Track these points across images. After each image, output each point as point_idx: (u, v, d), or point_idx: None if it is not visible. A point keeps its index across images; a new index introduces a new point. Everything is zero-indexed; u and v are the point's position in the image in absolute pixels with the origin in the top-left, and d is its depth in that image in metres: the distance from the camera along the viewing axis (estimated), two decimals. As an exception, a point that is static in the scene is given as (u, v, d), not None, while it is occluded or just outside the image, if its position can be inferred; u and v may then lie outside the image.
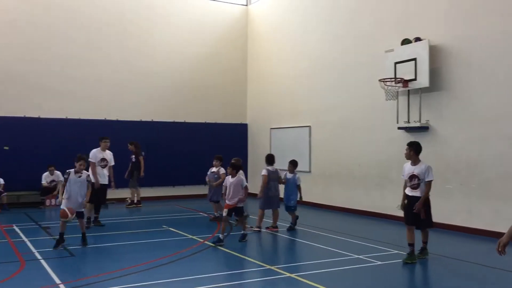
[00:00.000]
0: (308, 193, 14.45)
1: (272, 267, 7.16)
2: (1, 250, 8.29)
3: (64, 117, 14.90)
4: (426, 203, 7.58)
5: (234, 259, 7.86)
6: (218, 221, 11.00)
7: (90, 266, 7.29)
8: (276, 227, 10.44)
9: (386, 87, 11.31)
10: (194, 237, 9.51)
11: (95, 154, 10.97)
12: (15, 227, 10.45)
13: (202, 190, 16.30)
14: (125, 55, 15.92)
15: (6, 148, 13.89)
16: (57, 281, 6.38)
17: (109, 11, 15.77)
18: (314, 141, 14.81)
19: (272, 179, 10.44)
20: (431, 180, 7.55)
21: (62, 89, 14.94)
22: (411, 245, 7.61)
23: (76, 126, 14.95)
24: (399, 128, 11.52)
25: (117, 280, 6.41)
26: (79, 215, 8.64)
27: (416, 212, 7.49)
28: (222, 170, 11.39)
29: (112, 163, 11.34)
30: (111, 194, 15.15)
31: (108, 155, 11.21)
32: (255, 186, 17.49)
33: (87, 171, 9.11)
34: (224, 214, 9.07)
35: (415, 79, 10.90)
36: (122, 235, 10.00)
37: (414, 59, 10.87)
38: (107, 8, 15.75)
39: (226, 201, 9.11)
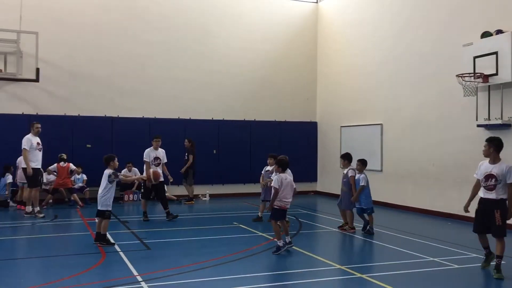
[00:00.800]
0: (380, 193, 14.18)
1: (343, 267, 7.08)
2: (84, 242, 8.83)
3: (141, 116, 15.59)
4: (504, 208, 6.72)
5: (304, 257, 7.85)
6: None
7: (165, 259, 7.57)
8: (344, 227, 10.09)
9: (464, 82, 10.81)
10: (264, 234, 9.60)
11: (148, 153, 11.44)
12: (97, 221, 11.08)
13: (272, 188, 16.43)
14: (197, 55, 16.36)
15: (88, 146, 14.75)
16: (135, 273, 6.70)
17: (185, 13, 16.26)
18: (386, 139, 14.43)
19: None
20: None
21: (139, 90, 15.65)
22: (486, 248, 7.03)
23: (153, 125, 15.57)
24: (478, 125, 10.96)
25: (190, 274, 6.63)
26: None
27: (499, 218, 6.63)
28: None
29: (165, 160, 11.74)
30: (184, 190, 15.73)
31: (161, 153, 11.62)
32: (324, 185, 17.39)
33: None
34: (274, 217, 8.13)
35: (496, 74, 10.34)
36: (195, 230, 10.30)
37: (495, 53, 10.32)
38: (184, 10, 16.26)
39: (277, 201, 8.10)
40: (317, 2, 18.15)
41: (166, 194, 15.00)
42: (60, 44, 14.79)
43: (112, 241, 8.59)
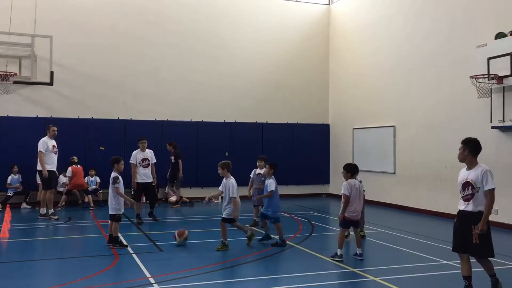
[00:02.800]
0: (392, 195, 14.09)
1: (355, 270, 7.04)
2: (98, 244, 8.89)
3: (153, 119, 15.67)
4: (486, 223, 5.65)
5: (317, 260, 7.82)
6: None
7: (178, 261, 7.60)
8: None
9: (478, 84, 10.70)
10: (276, 237, 9.56)
11: (135, 155, 11.53)
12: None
13: (284, 190, 16.41)
14: (209, 58, 16.41)
15: (102, 148, 14.86)
16: (148, 274, 6.74)
17: (197, 16, 16.32)
18: (398, 141, 14.34)
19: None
20: (493, 189, 5.64)
21: (151, 92, 15.73)
22: (466, 278, 5.82)
23: (165, 127, 15.65)
24: (492, 127, 10.84)
25: (202, 276, 6.64)
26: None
27: (476, 234, 5.63)
28: None
29: (154, 160, 11.79)
30: (197, 192, 15.80)
31: (149, 154, 11.70)
32: (337, 187, 17.30)
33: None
34: (342, 226, 7.75)
35: (510, 75, 10.22)
36: (207, 232, 10.30)
37: (510, 54, 10.19)
38: (196, 13, 16.31)
39: (346, 213, 7.67)
40: (329, 4, 18.12)
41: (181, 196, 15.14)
42: (74, 47, 14.93)
43: (125, 243, 8.64)
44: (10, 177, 13.68)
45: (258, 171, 11.01)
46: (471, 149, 5.92)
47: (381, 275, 6.79)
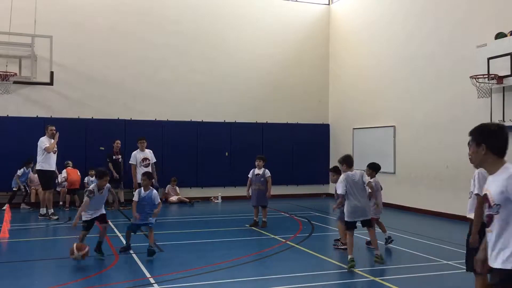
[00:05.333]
0: (393, 195, 14.07)
1: (355, 270, 7.03)
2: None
3: (153, 119, 15.67)
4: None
5: (316, 260, 7.82)
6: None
7: (178, 261, 7.59)
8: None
9: (478, 84, 10.70)
10: (276, 236, 9.58)
11: (135, 156, 11.50)
12: (110, 223, 11.15)
13: (284, 190, 16.43)
14: (209, 59, 16.41)
15: (102, 148, 14.84)
16: (148, 275, 6.73)
17: (197, 17, 16.33)
18: (398, 141, 14.34)
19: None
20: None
21: (151, 93, 15.73)
22: None
23: (165, 127, 15.65)
24: (492, 127, 10.83)
25: (202, 276, 6.64)
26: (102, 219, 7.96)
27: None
28: (268, 173, 10.72)
29: (154, 160, 11.76)
30: (197, 192, 15.82)
31: (148, 153, 11.69)
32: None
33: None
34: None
35: (511, 75, 10.22)
36: (207, 232, 10.32)
37: (510, 54, 10.19)
38: (196, 14, 16.32)
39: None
40: (329, 4, 18.12)
41: (178, 197, 15.14)
42: (74, 47, 14.93)
43: (102, 256, 7.73)
44: (22, 170, 13.58)
45: (256, 171, 10.92)
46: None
47: (380, 275, 6.80)
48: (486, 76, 10.57)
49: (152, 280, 6.46)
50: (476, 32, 11.49)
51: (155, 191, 8.08)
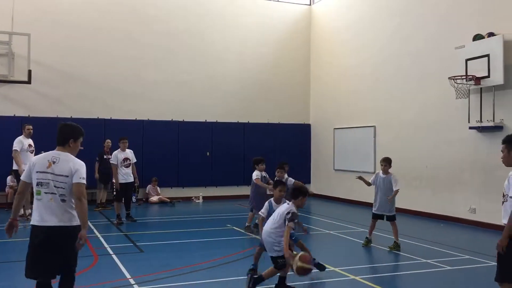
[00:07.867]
0: (372, 194, 14.15)
1: (336, 269, 7.08)
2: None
3: (133, 118, 15.53)
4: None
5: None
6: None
7: (158, 262, 7.54)
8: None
9: (456, 85, 10.87)
10: (257, 237, 9.56)
11: (116, 155, 11.39)
12: (89, 224, 11.02)
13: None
14: (190, 58, 16.33)
15: (81, 148, 14.61)
16: (127, 275, 6.67)
17: (180, 16, 16.23)
18: (379, 141, 14.47)
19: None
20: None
21: (132, 92, 15.57)
22: None
23: (146, 127, 15.52)
24: (470, 127, 11.03)
25: (183, 276, 6.60)
26: None
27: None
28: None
29: (134, 160, 11.68)
30: (178, 192, 15.74)
31: (129, 153, 11.59)
32: (318, 187, 17.37)
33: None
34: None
35: (488, 76, 10.42)
36: (188, 233, 10.27)
37: (487, 55, 10.39)
38: (179, 13, 16.22)
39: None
40: (310, 5, 18.20)
41: (159, 197, 15.04)
42: (53, 45, 14.70)
43: None
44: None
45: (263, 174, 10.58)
46: None
47: (360, 274, 6.84)
48: (464, 77, 10.75)
49: (132, 281, 6.40)
50: (455, 34, 11.65)
51: None
